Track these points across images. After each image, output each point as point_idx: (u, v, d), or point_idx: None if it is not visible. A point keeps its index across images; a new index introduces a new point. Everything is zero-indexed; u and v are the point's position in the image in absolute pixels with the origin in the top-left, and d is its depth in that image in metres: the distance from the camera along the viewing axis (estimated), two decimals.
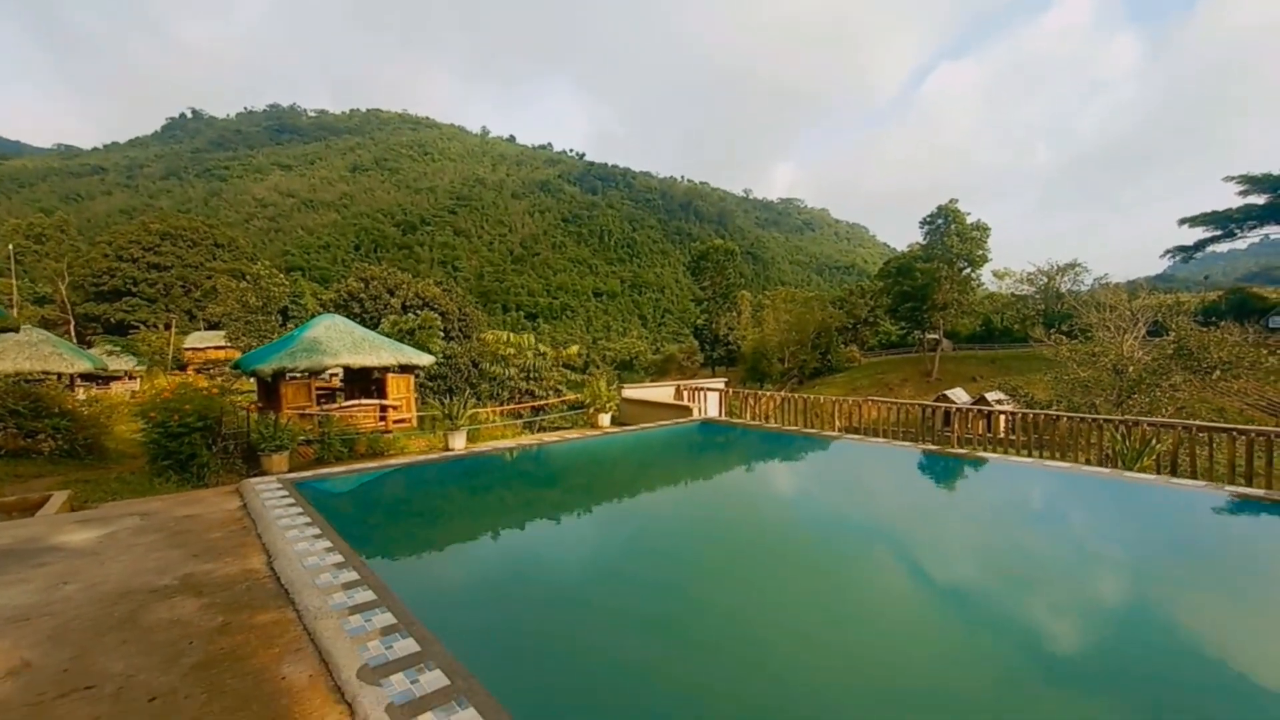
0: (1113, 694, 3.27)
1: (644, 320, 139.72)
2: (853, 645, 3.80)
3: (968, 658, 3.65)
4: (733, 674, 3.47)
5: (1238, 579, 5.03)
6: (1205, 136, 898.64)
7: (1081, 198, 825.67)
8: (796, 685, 3.29)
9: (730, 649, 3.76)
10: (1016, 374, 41.95)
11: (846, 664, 3.55)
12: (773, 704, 3.09)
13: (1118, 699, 3.22)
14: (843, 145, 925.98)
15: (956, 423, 11.65)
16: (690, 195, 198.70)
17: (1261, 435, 8.00)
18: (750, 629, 4.01)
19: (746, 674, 3.45)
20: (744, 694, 3.24)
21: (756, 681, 3.36)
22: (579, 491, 8.58)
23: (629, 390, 14.94)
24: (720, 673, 3.49)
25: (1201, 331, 24.55)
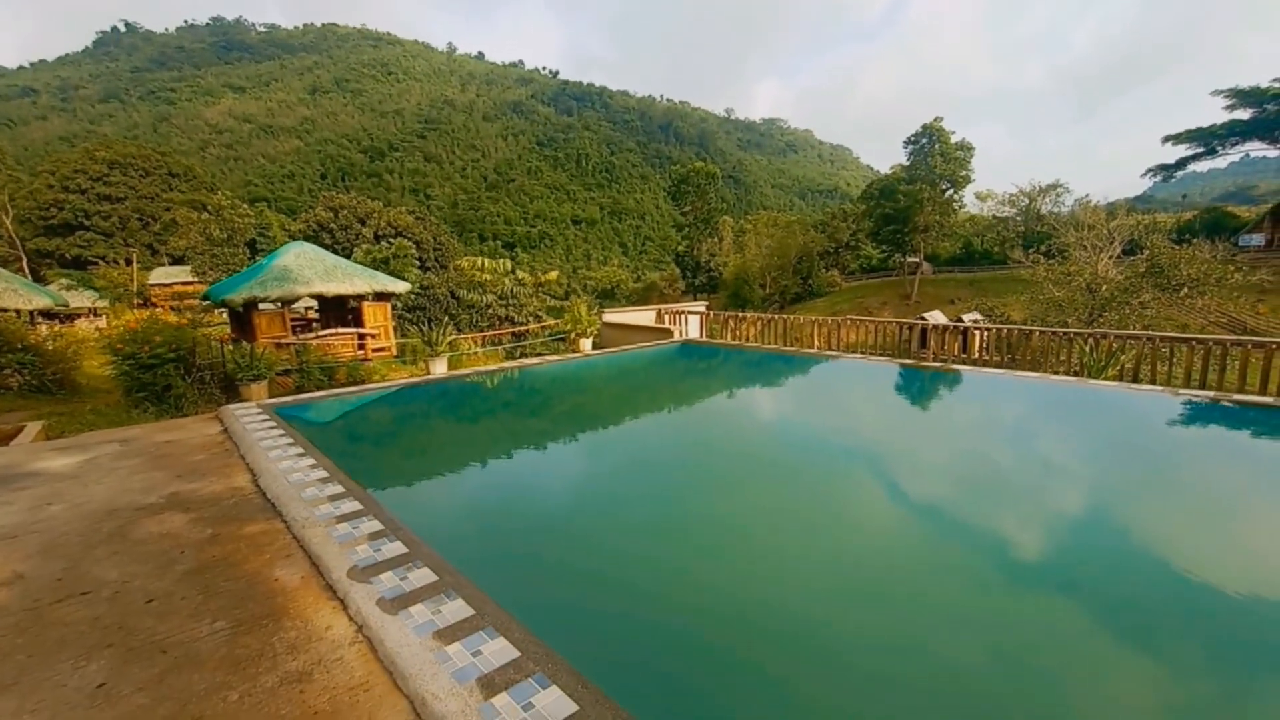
0: (1071, 588, 3.52)
1: (625, 248, 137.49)
2: (836, 550, 3.94)
3: (942, 557, 3.83)
4: (708, 573, 3.64)
5: (1185, 474, 5.34)
6: (1197, 52, 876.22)
7: (1069, 118, 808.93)
8: (781, 586, 3.44)
9: (708, 550, 3.94)
10: (994, 296, 42.49)
11: (830, 567, 3.69)
12: (759, 600, 3.25)
13: (1077, 593, 3.46)
14: (829, 64, 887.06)
15: (932, 341, 11.86)
16: (670, 116, 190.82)
17: (1218, 344, 8.31)
18: (731, 533, 4.19)
19: (722, 572, 3.63)
20: (722, 589, 3.41)
21: (736, 579, 3.53)
22: (560, 409, 8.69)
23: (610, 315, 14.87)
24: (696, 570, 3.67)
25: (1174, 249, 24.97)
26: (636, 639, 2.88)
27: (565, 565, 3.70)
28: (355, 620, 2.71)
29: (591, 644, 2.79)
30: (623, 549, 3.93)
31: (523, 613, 2.70)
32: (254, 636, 2.63)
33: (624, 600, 3.25)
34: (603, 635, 2.91)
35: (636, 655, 2.75)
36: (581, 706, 2.02)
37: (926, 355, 11.84)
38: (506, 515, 4.59)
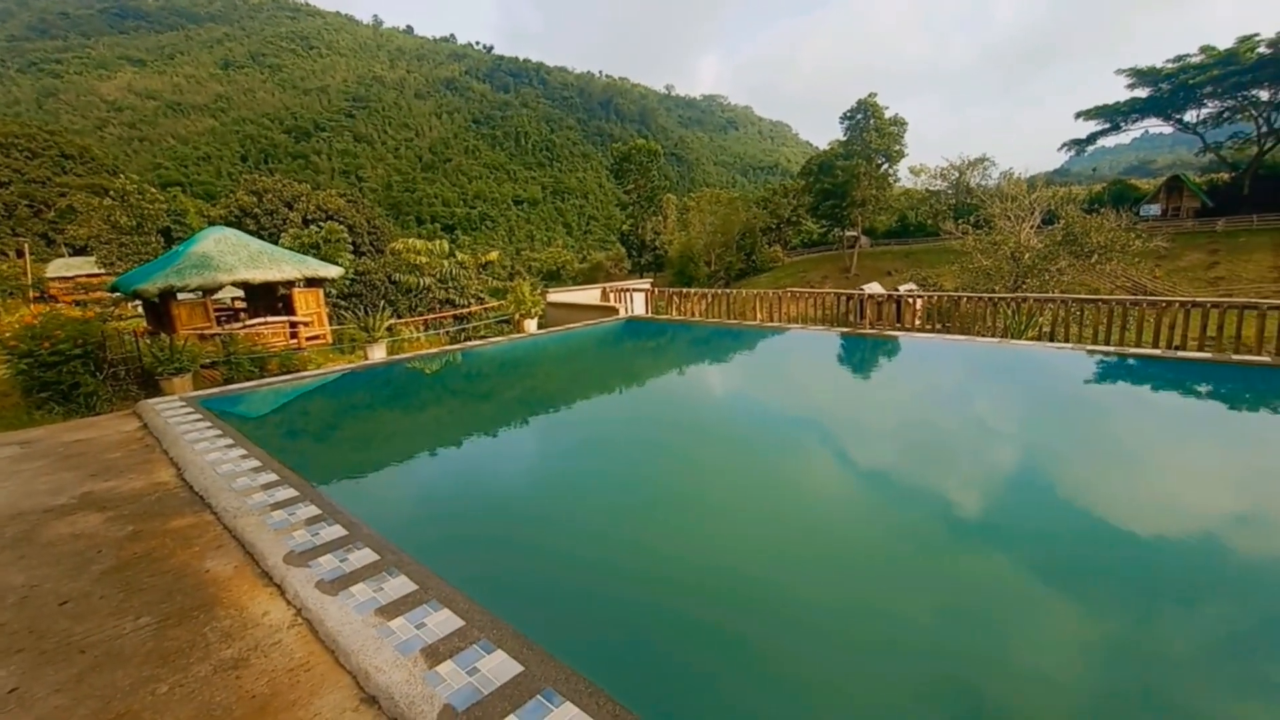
0: (1003, 534, 3.76)
1: (569, 229, 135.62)
2: (786, 514, 4.01)
3: (889, 515, 3.98)
4: (657, 541, 3.71)
5: (1094, 421, 5.78)
6: (1109, 31, 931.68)
7: (995, 94, 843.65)
8: (730, 551, 3.49)
9: (658, 521, 4.00)
10: (929, 267, 44.39)
11: (780, 532, 3.76)
12: (709, 566, 3.31)
13: (1010, 539, 3.71)
14: (766, 40, 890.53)
15: (870, 311, 12.31)
16: (610, 92, 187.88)
17: (1119, 305, 9.02)
18: (680, 502, 4.26)
19: (672, 541, 3.70)
20: (673, 556, 3.48)
21: (686, 547, 3.60)
22: (505, 389, 8.59)
23: (554, 295, 14.71)
24: (646, 540, 3.73)
25: (1085, 219, 26.79)
26: (587, 606, 2.92)
27: (513, 540, 3.69)
28: (294, 604, 2.63)
29: (540, 612, 2.81)
30: (572, 522, 3.96)
31: (469, 586, 2.69)
32: (184, 629, 2.52)
33: (574, 571, 3.28)
34: (551, 603, 2.93)
35: (586, 620, 2.79)
36: (526, 667, 2.04)
37: (864, 325, 12.29)
38: (450, 494, 4.53)
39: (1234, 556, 3.26)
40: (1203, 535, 3.51)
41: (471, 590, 2.63)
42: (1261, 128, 49.93)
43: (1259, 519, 3.65)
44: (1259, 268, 37.87)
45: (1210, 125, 53.26)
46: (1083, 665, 2.39)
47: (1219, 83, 49.27)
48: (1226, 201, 46.69)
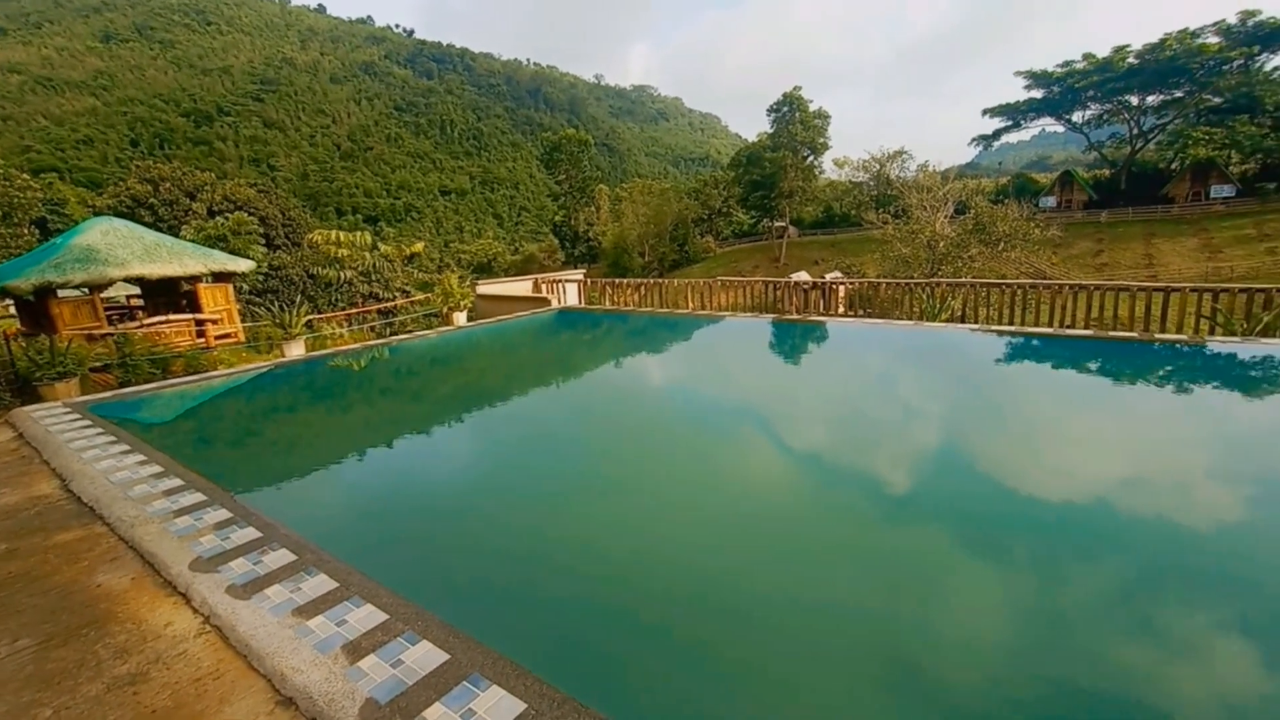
0: (927, 506, 3.98)
1: (499, 220, 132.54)
2: (723, 497, 4.04)
3: (825, 494, 4.11)
4: (594, 532, 3.70)
5: (1001, 393, 6.24)
6: (1012, 35, 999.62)
7: (913, 90, 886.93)
8: (667, 538, 3.49)
9: (594, 511, 3.99)
10: (853, 255, 46.25)
11: (718, 513, 3.78)
12: (647, 553, 3.30)
13: (934, 511, 3.92)
14: (696, 31, 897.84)
15: (799, 298, 12.74)
16: (538, 80, 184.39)
17: (1020, 288, 9.75)
18: (616, 491, 4.26)
19: (609, 530, 3.70)
20: (609, 546, 3.49)
21: (624, 536, 3.60)
22: (431, 383, 8.34)
23: (484, 287, 14.36)
24: (582, 530, 3.72)
25: (992, 210, 28.80)
26: (520, 595, 2.89)
27: (443, 534, 3.60)
28: (201, 611, 2.46)
29: (471, 602, 2.76)
30: (505, 514, 3.89)
31: (395, 580, 2.60)
32: (70, 649, 2.31)
33: (507, 562, 3.23)
34: (483, 593, 2.89)
35: (519, 609, 2.76)
36: (453, 654, 2.00)
37: (794, 311, 12.70)
38: (375, 490, 4.36)
39: (1120, 511, 3.58)
40: (1095, 494, 3.82)
41: (398, 585, 2.55)
42: (1133, 129, 55.03)
43: (1141, 476, 4.04)
44: (1134, 255, 41.83)
45: (1093, 125, 58.24)
46: (1004, 624, 2.55)
47: (1098, 87, 53.87)
48: (1108, 195, 51.26)
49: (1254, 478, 3.90)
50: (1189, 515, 3.48)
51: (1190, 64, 48.68)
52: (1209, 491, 3.78)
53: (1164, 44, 49.37)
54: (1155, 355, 6.72)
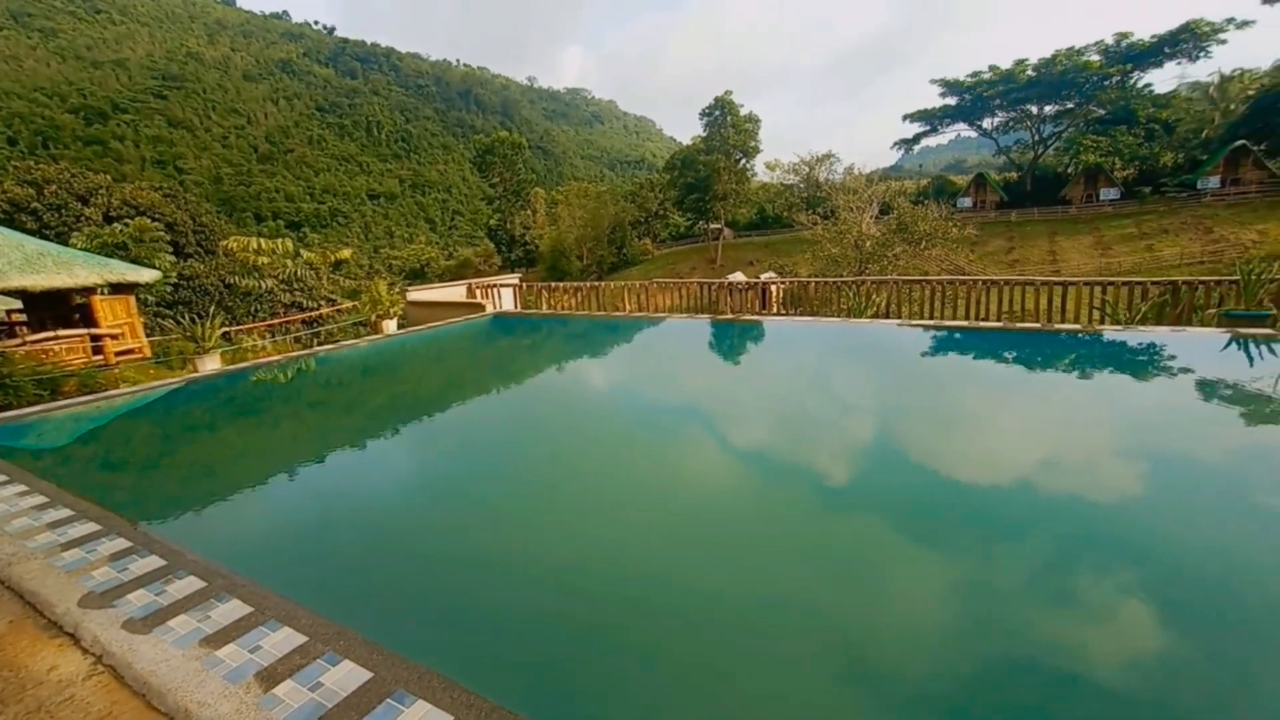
0: (869, 497, 4.12)
1: (432, 224, 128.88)
2: (666, 497, 4.02)
3: (770, 493, 4.11)
4: (537, 540, 3.63)
5: (924, 382, 6.58)
6: (932, 43, 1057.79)
7: (841, 95, 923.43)
8: (611, 543, 3.44)
9: (537, 519, 3.92)
10: (786, 256, 47.65)
11: (661, 514, 3.74)
12: (592, 560, 3.24)
13: (875, 502, 4.06)
14: (630, 34, 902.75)
15: (735, 299, 13.01)
16: (469, 82, 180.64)
17: (939, 284, 10.33)
18: (560, 498, 4.18)
19: (552, 539, 3.64)
20: (555, 555, 3.43)
21: (569, 543, 3.54)
22: (359, 393, 8.00)
23: (414, 293, 13.92)
24: (525, 540, 3.65)
25: (913, 210, 30.43)
26: (455, 609, 2.79)
27: (370, 550, 3.43)
28: (92, 651, 2.25)
29: (400, 618, 2.65)
30: (439, 527, 3.77)
31: (317, 600, 2.47)
32: None
33: (442, 575, 3.11)
34: (414, 608, 2.77)
35: (453, 622, 2.67)
36: (376, 672, 1.92)
37: (731, 311, 12.96)
38: (295, 508, 4.12)
39: (1038, 490, 3.81)
40: (1015, 475, 4.07)
41: (320, 605, 2.42)
42: (1034, 136, 59.47)
43: (1053, 456, 4.33)
44: (1041, 251, 45.12)
45: (1001, 131, 62.57)
46: (942, 605, 2.65)
47: (1003, 96, 58.00)
48: (1017, 196, 55.13)
49: (1147, 453, 4.27)
50: (1095, 490, 3.74)
51: (1078, 78, 53.21)
52: (1112, 467, 4.10)
53: (1055, 59, 53.70)
54: (1057, 344, 7.26)
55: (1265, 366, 5.74)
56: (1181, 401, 5.28)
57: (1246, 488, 3.61)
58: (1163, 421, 4.87)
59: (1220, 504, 3.42)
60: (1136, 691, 2.12)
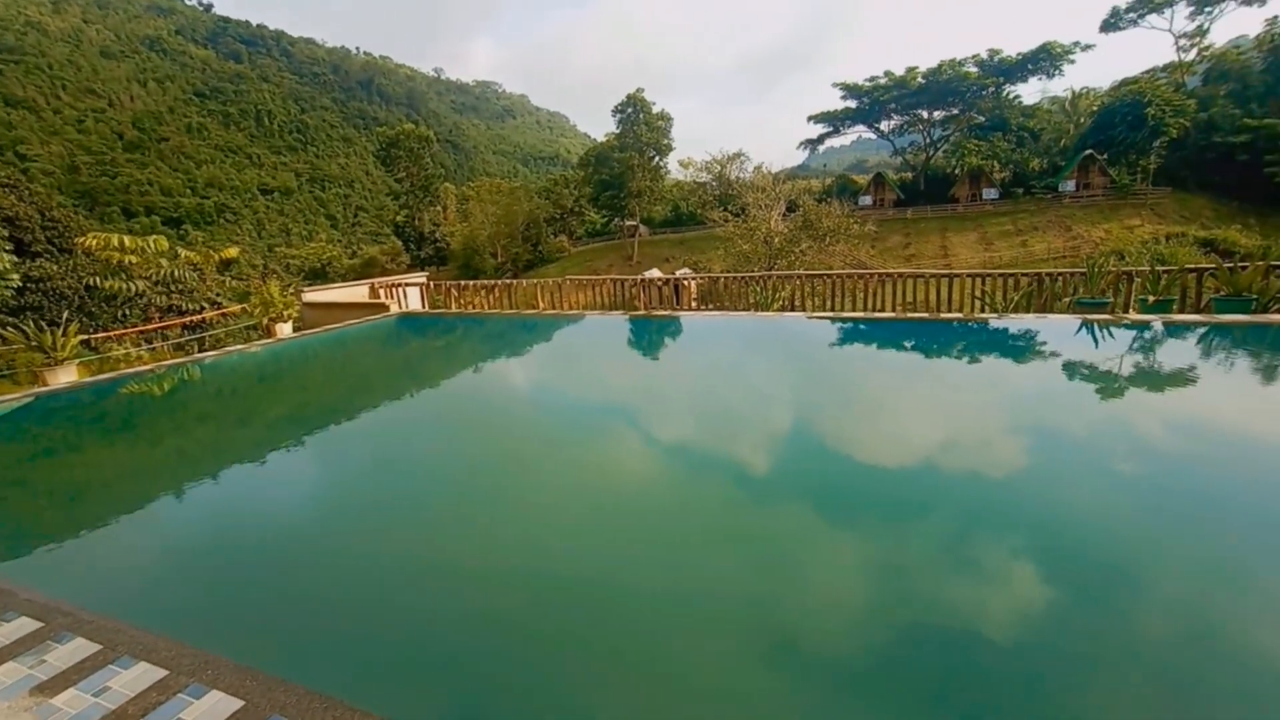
0: (788, 485, 4.22)
1: (334, 221, 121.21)
2: (590, 497, 3.94)
3: (692, 487, 4.10)
4: (447, 548, 3.47)
5: (830, 370, 6.91)
6: (835, 47, 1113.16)
7: (751, 96, 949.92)
8: (529, 548, 3.31)
9: (439, 526, 3.75)
10: (700, 252, 48.73)
11: (583, 514, 3.66)
12: (511, 566, 3.12)
13: (794, 489, 4.17)
14: (542, 27, 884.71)
15: (651, 295, 13.13)
16: (370, 71, 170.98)
17: (838, 278, 10.91)
18: (468, 504, 4.02)
19: (464, 546, 3.48)
20: (470, 562, 3.29)
21: (482, 549, 3.40)
22: (245, 401, 7.40)
23: (311, 294, 13.03)
24: (425, 549, 3.48)
25: (818, 207, 31.96)
26: (358, 624, 2.60)
27: (258, 570, 3.15)
28: None
29: (291, 639, 2.45)
30: (337, 538, 3.51)
31: (183, 629, 2.24)
32: None
33: (337, 591, 2.88)
34: (307, 628, 2.57)
35: (355, 639, 2.48)
36: (248, 700, 1.75)
37: (648, 308, 13.06)
38: (157, 530, 3.71)
39: (940, 467, 4.05)
40: (917, 454, 4.31)
41: (185, 633, 2.19)
42: (926, 138, 64.14)
43: (948, 434, 4.63)
44: (934, 246, 48.77)
45: (897, 134, 66.92)
46: (864, 585, 2.75)
47: (898, 101, 62.11)
48: (912, 195, 59.20)
49: (1024, 426, 4.70)
50: (985, 463, 4.07)
51: (960, 87, 57.99)
52: (996, 440, 4.47)
53: (941, 68, 58.16)
54: (945, 331, 7.85)
55: (1108, 347, 6.48)
56: (1047, 379, 5.86)
57: (1106, 454, 4.05)
58: (1033, 397, 5.38)
59: (1085, 469, 3.82)
60: (1028, 640, 2.30)
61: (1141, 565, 2.74)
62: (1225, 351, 6.16)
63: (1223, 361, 5.98)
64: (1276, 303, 7.14)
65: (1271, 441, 4.08)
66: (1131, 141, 46.93)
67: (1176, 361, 6.13)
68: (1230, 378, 5.47)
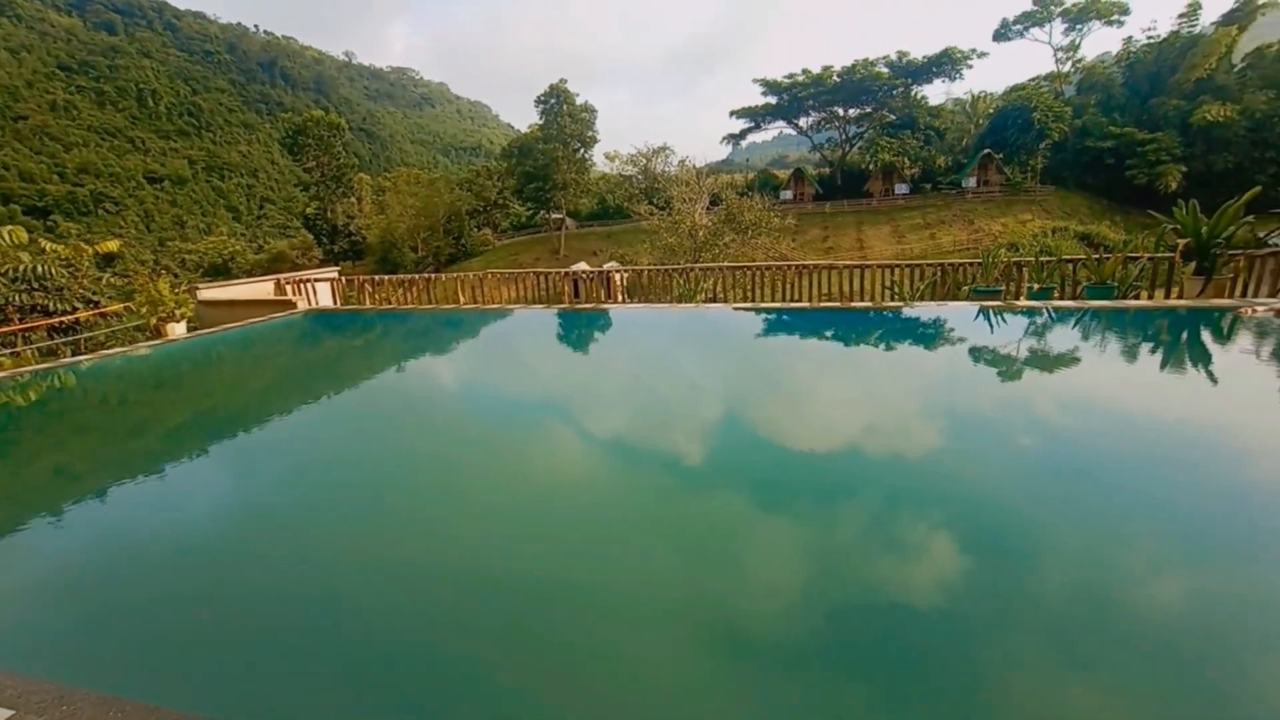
0: (721, 472, 4.25)
1: (235, 213, 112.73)
2: (517, 498, 3.77)
3: (624, 478, 4.09)
4: (354, 555, 3.29)
5: (753, 358, 7.08)
6: (757, 43, 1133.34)
7: (677, 90, 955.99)
8: (453, 552, 3.19)
9: (341, 533, 3.55)
10: (627, 245, 48.79)
11: (512, 512, 3.54)
12: (429, 575, 2.99)
13: (726, 476, 4.19)
14: (462, 14, 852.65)
15: (581, 288, 13.01)
16: (272, 52, 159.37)
17: (757, 270, 11.23)
18: (382, 510, 3.82)
19: (373, 553, 3.32)
20: (386, 568, 3.12)
21: (403, 554, 3.25)
22: (129, 410, 6.74)
23: (208, 291, 12.02)
24: (322, 557, 3.29)
25: (740, 201, 32.73)
26: (256, 652, 2.41)
27: (109, 589, 2.87)
28: None
29: (170, 670, 2.24)
30: (227, 552, 3.25)
31: (38, 663, 2.00)
32: None
33: (231, 613, 2.67)
34: (188, 657, 2.35)
35: (250, 665, 2.30)
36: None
37: (577, 301, 12.93)
38: (21, 556, 3.33)
39: (864, 453, 4.21)
40: (841, 438, 4.48)
41: (43, 668, 1.96)
42: (842, 135, 67.01)
43: (867, 418, 4.84)
44: (851, 239, 51.14)
45: (815, 130, 69.49)
46: (799, 566, 2.80)
47: (815, 98, 64.49)
48: (830, 190, 61.80)
49: (936, 407, 4.98)
50: (903, 443, 4.28)
51: (872, 86, 60.98)
52: (913, 422, 4.69)
53: (854, 68, 60.88)
54: (857, 319, 8.23)
55: (1001, 331, 7.02)
56: (949, 362, 6.28)
57: (1003, 428, 4.41)
58: (938, 380, 5.73)
59: (986, 443, 4.13)
60: (948, 605, 2.43)
61: (1038, 528, 2.98)
62: (1097, 333, 6.80)
63: (1096, 342, 6.60)
64: (1134, 289, 8.00)
65: (1139, 411, 4.55)
66: (1021, 143, 51.22)
67: (1057, 343, 6.71)
68: (1102, 356, 6.05)
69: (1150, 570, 2.62)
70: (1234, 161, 45.77)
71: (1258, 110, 45.39)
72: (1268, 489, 3.24)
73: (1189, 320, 6.82)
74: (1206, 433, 4.08)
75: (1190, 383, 5.18)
